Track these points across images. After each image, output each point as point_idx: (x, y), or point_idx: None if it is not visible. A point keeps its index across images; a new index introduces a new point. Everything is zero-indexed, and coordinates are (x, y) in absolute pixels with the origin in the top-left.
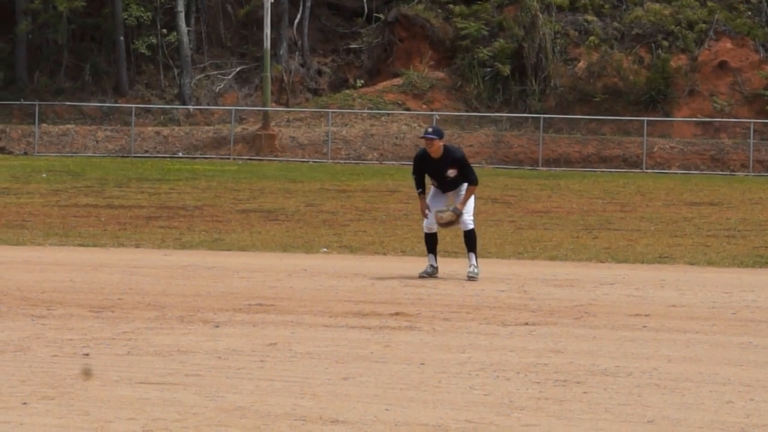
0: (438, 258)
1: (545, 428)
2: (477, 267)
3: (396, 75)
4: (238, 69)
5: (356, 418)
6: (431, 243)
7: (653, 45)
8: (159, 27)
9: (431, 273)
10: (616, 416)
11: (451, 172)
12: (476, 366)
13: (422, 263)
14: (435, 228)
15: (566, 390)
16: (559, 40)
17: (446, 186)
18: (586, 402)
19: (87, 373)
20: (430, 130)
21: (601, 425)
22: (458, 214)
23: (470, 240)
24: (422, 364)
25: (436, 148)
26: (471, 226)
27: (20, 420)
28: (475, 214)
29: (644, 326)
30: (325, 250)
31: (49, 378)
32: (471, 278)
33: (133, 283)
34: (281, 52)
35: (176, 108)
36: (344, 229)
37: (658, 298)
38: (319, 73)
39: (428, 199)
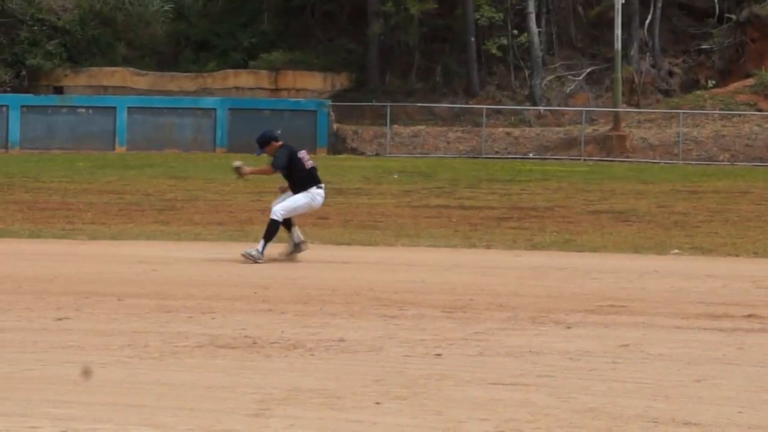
0: None
1: None
2: (260, 252)
3: (748, 75)
4: (589, 70)
5: (709, 421)
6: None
7: None
8: (510, 28)
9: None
10: None
11: None
12: None
13: None
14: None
15: None
16: None
17: None
18: None
19: (86, 373)
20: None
21: None
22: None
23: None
24: None
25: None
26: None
27: (373, 419)
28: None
29: None
30: (676, 251)
31: (402, 378)
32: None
33: (485, 284)
34: (632, 53)
35: (527, 109)
36: (696, 231)
37: None
38: (670, 74)
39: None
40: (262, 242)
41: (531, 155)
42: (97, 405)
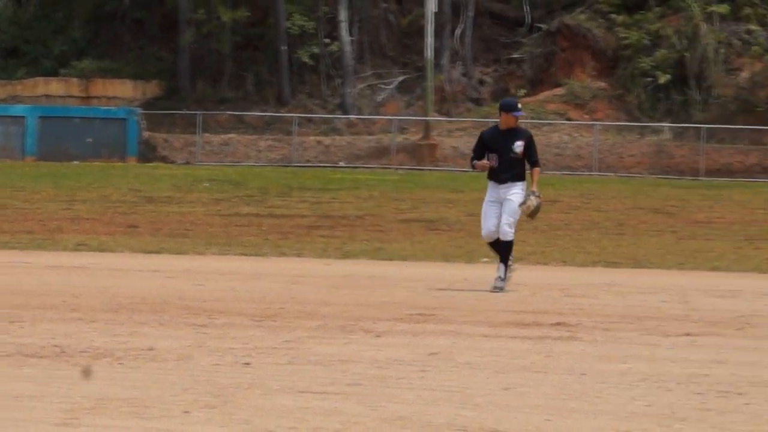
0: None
1: None
2: (503, 278)
3: (558, 85)
4: (400, 79)
5: (517, 429)
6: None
7: None
8: (321, 37)
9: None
10: None
11: (519, 146)
12: (637, 377)
13: (588, 273)
14: (494, 236)
15: (728, 401)
16: (721, 50)
17: (505, 164)
18: (748, 413)
19: (86, 373)
20: (520, 106)
21: None
22: (539, 196)
23: (504, 250)
24: (583, 374)
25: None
26: (509, 238)
27: (182, 428)
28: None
29: None
30: (486, 260)
31: (211, 387)
32: (496, 289)
33: (295, 293)
34: (443, 62)
35: (338, 117)
36: None
37: None
38: (481, 82)
39: (484, 207)
40: (502, 267)
41: (341, 164)
42: None
